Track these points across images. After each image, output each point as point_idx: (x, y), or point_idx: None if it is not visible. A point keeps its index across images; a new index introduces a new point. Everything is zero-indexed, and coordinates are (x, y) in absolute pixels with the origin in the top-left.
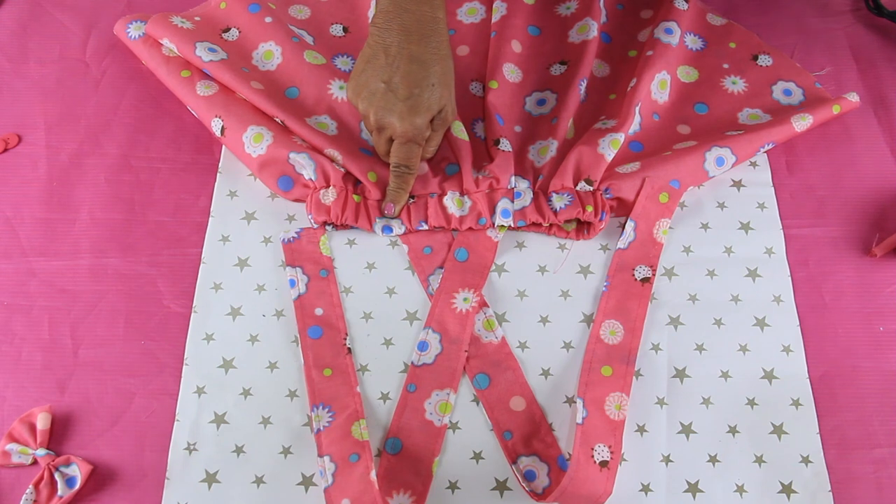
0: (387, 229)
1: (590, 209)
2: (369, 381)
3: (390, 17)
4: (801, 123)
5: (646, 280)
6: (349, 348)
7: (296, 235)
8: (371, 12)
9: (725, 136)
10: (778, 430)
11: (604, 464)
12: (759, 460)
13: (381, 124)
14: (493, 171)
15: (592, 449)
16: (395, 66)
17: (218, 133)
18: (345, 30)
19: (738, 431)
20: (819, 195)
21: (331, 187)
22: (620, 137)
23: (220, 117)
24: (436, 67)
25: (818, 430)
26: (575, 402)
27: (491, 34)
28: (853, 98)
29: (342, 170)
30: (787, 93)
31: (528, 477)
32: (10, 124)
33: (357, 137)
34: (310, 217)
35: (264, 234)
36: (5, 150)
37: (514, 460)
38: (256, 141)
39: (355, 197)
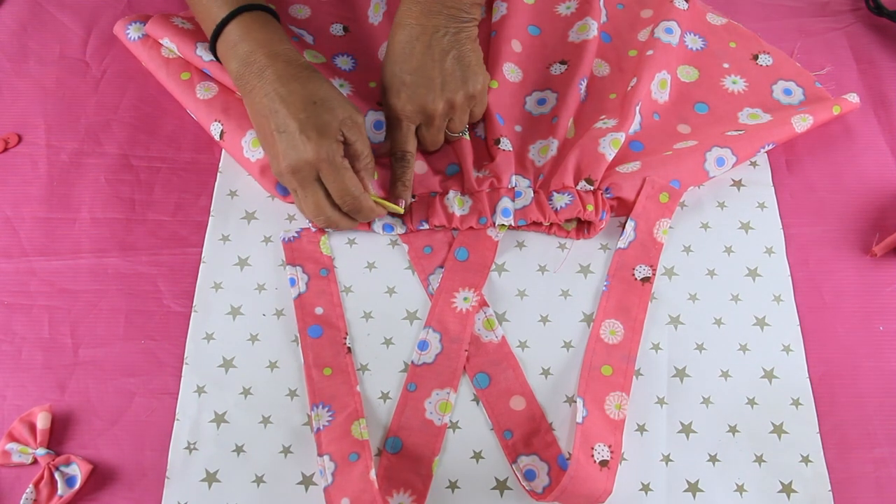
0: (387, 228)
1: (590, 208)
2: (369, 380)
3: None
4: (802, 124)
5: (646, 280)
6: (349, 347)
7: (296, 235)
8: (371, 11)
9: (726, 136)
10: (778, 430)
11: (604, 463)
12: (759, 460)
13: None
14: (493, 170)
15: (592, 448)
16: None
17: (217, 137)
18: (345, 29)
19: (738, 431)
20: (819, 195)
21: None
22: (621, 137)
23: (219, 121)
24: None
25: (818, 430)
26: (575, 402)
27: (491, 34)
28: (853, 99)
29: None
30: (788, 92)
31: (528, 476)
32: (10, 124)
33: None
34: (309, 220)
35: (264, 233)
36: (5, 149)
37: (514, 459)
38: (255, 146)
39: None
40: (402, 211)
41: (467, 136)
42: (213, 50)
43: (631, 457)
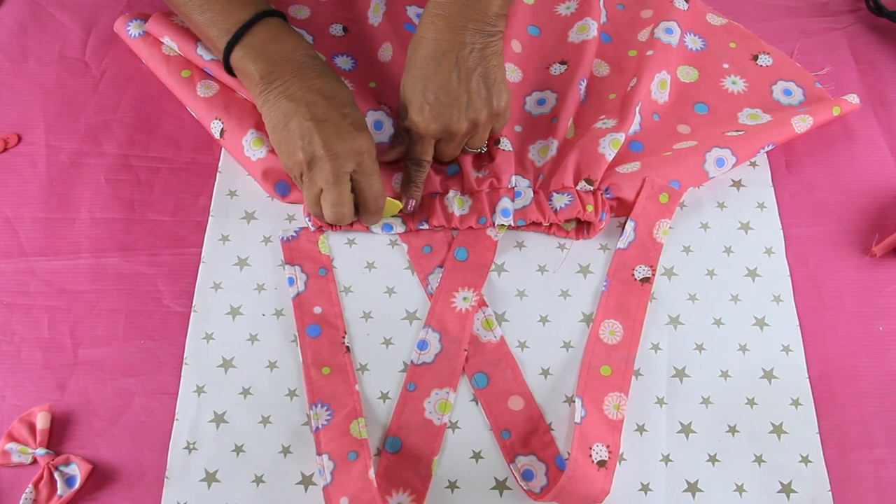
0: (387, 227)
1: (590, 209)
2: (369, 380)
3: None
4: (802, 125)
5: (645, 280)
6: (347, 346)
7: (294, 234)
8: (370, 11)
9: (726, 136)
10: (777, 430)
11: (602, 463)
12: (759, 460)
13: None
14: (493, 170)
15: (590, 448)
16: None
17: (217, 135)
18: (344, 29)
19: (737, 431)
20: (819, 195)
21: None
22: (621, 137)
23: (219, 119)
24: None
25: (818, 430)
26: (574, 402)
27: None
28: (853, 100)
29: None
30: (788, 92)
31: (526, 476)
32: (9, 124)
33: None
34: (307, 219)
35: (264, 233)
36: (5, 149)
37: (511, 459)
38: (256, 145)
39: None
40: (405, 209)
41: (484, 150)
42: (229, 50)
43: (630, 457)
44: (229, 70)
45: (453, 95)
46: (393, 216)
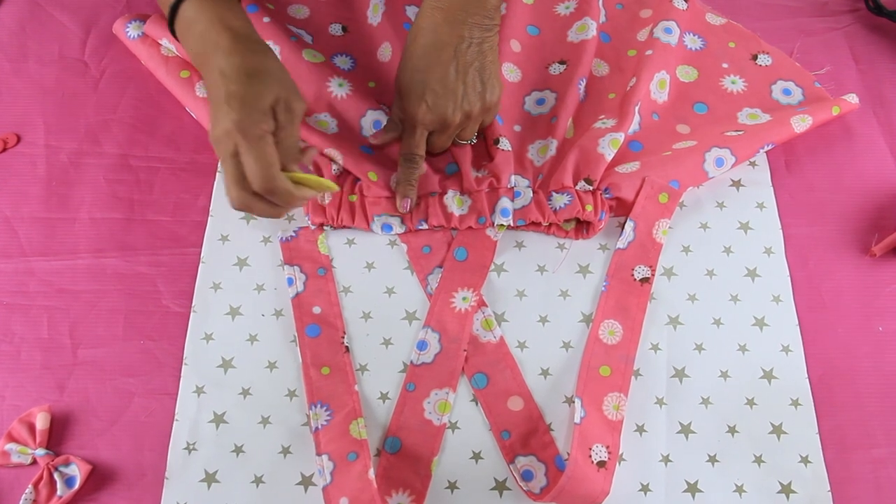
0: (386, 227)
1: (589, 209)
2: (368, 380)
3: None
4: (801, 125)
5: (645, 280)
6: (347, 347)
7: (294, 234)
8: (370, 11)
9: (725, 136)
10: (777, 430)
11: (601, 464)
12: (759, 460)
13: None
14: (492, 170)
15: (590, 449)
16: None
17: None
18: (344, 29)
19: (737, 431)
20: (818, 195)
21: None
22: (620, 137)
23: None
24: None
25: (817, 430)
26: (573, 402)
27: None
28: (853, 99)
29: (336, 171)
30: (787, 92)
31: (526, 476)
32: (9, 124)
33: (357, 136)
34: (307, 218)
35: (263, 233)
36: (4, 149)
37: (511, 460)
38: None
39: (351, 197)
40: (335, 188)
41: (474, 142)
42: (174, 34)
43: (630, 457)
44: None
45: (451, 88)
46: (392, 216)
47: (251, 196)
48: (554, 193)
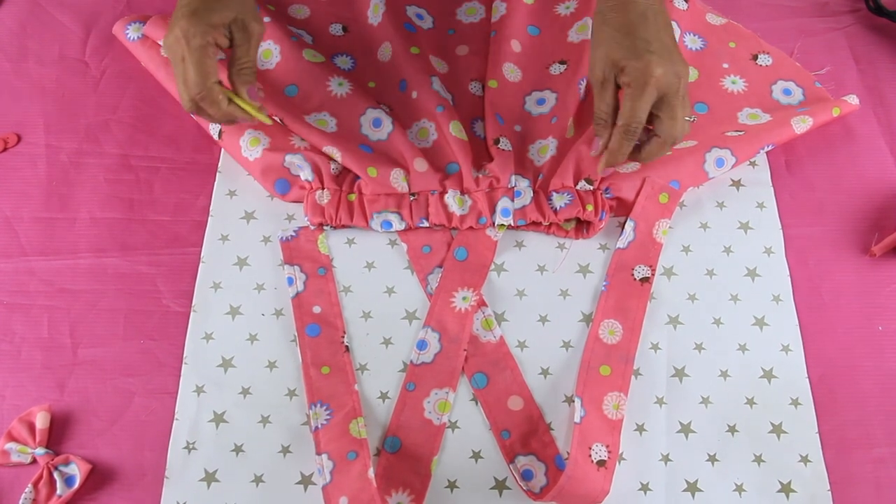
0: (386, 224)
1: (590, 208)
2: (368, 380)
3: None
4: (801, 126)
5: (645, 280)
6: (347, 346)
7: (294, 234)
8: (370, 11)
9: (725, 137)
10: (777, 430)
11: (601, 463)
12: (759, 459)
13: None
14: (493, 170)
15: (590, 448)
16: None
17: (216, 136)
18: (344, 29)
19: (737, 431)
20: (818, 195)
21: (325, 189)
22: None
23: None
24: None
25: (817, 430)
26: (573, 402)
27: (490, 34)
28: (853, 101)
29: (335, 171)
30: (787, 92)
31: (526, 476)
32: (9, 124)
33: (357, 134)
34: (306, 218)
35: (263, 233)
36: (5, 149)
37: (511, 459)
38: (253, 145)
39: (350, 196)
40: (268, 121)
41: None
42: None
43: (630, 456)
44: None
45: (667, 43)
46: (391, 213)
47: (193, 101)
48: (554, 193)
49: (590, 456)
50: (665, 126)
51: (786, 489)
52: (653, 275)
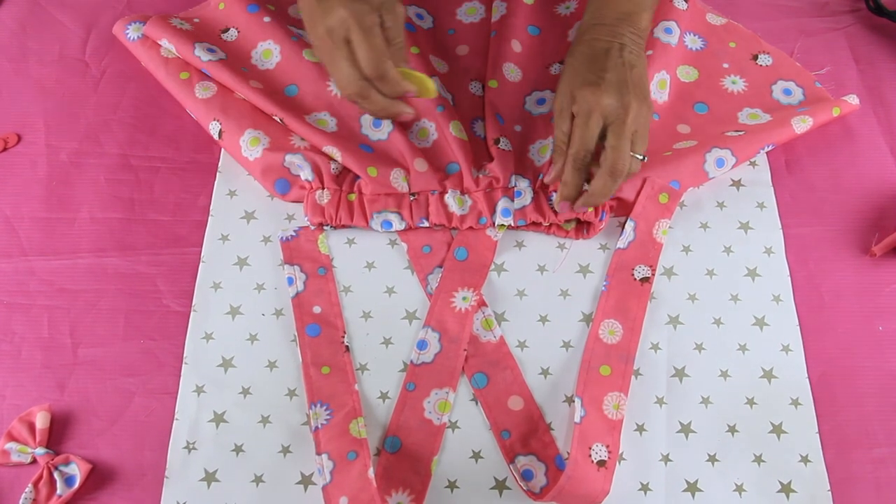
0: (386, 224)
1: (590, 209)
2: (368, 380)
3: None
4: (802, 125)
5: (645, 280)
6: (347, 346)
7: (294, 234)
8: None
9: (726, 137)
10: (777, 430)
11: (601, 463)
12: (759, 460)
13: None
14: (493, 170)
15: (590, 448)
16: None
17: (216, 136)
18: None
19: (737, 431)
20: (819, 195)
21: (325, 189)
22: None
23: (217, 120)
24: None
25: (817, 430)
26: (573, 402)
27: (490, 34)
28: (853, 101)
29: (335, 170)
30: (787, 92)
31: (526, 476)
32: (9, 124)
33: (357, 134)
34: (306, 218)
35: (264, 233)
36: (5, 149)
37: (511, 459)
38: (253, 144)
39: (350, 196)
40: (434, 93)
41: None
42: None
43: (630, 457)
44: None
45: (621, 76)
46: (391, 213)
47: (368, 85)
48: (554, 194)
49: (590, 456)
50: (608, 156)
51: (786, 489)
52: (653, 275)
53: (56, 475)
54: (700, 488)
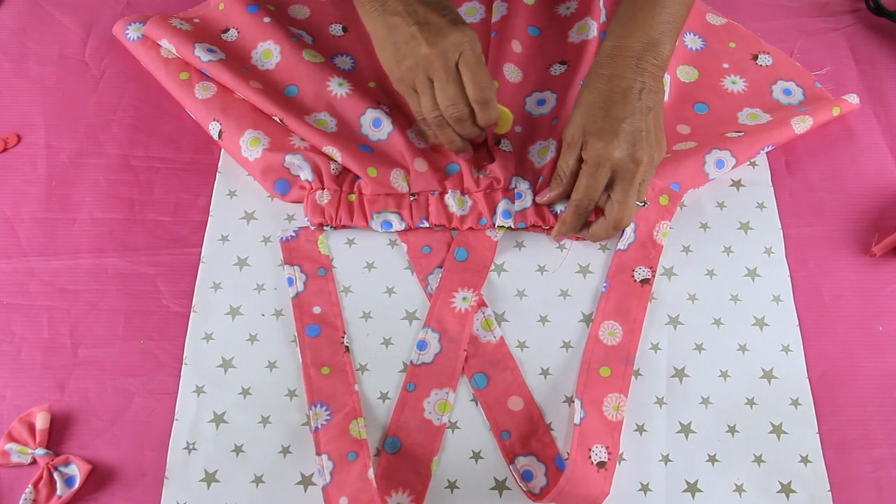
0: (386, 224)
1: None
2: (368, 380)
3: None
4: (802, 126)
5: (645, 281)
6: (347, 347)
7: (294, 234)
8: None
9: (725, 138)
10: (777, 430)
11: (601, 464)
12: (759, 460)
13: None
14: (494, 171)
15: (590, 450)
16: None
17: (216, 137)
18: (344, 29)
19: (737, 431)
20: (819, 195)
21: (325, 189)
22: None
23: (217, 121)
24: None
25: (817, 430)
26: (573, 402)
27: (491, 34)
28: (853, 100)
29: (335, 171)
30: (787, 92)
31: (526, 477)
32: (9, 124)
33: (357, 134)
34: (306, 219)
35: (263, 233)
36: (5, 149)
37: (511, 460)
38: (253, 145)
39: (350, 196)
40: (508, 126)
41: (646, 204)
42: None
43: (630, 457)
44: None
45: (637, 126)
46: (391, 213)
47: (468, 106)
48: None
49: (589, 457)
50: (613, 209)
51: (786, 489)
52: (653, 276)
53: (56, 476)
54: (700, 489)
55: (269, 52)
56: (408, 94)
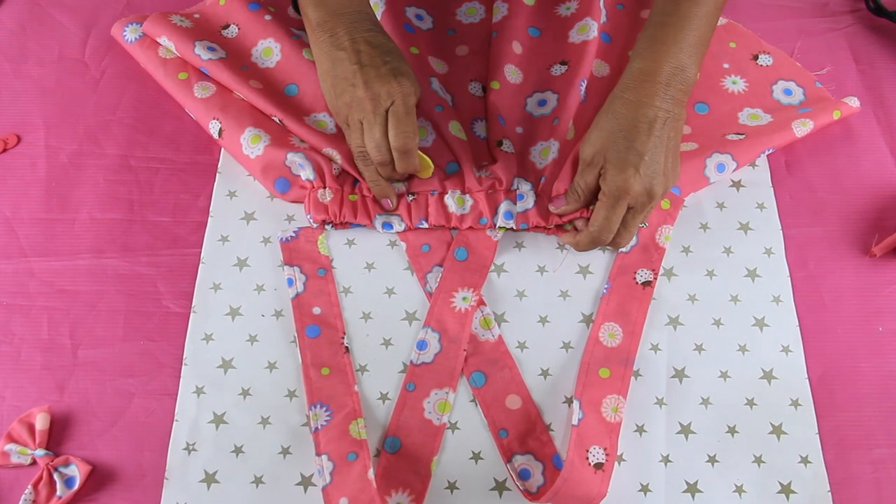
0: (387, 226)
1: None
2: (368, 380)
3: None
4: (802, 129)
5: (647, 284)
6: (347, 347)
7: (293, 235)
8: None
9: (726, 141)
10: (777, 431)
11: (598, 466)
12: (759, 460)
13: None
14: (495, 171)
15: (587, 451)
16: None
17: (216, 135)
18: None
19: (737, 431)
20: (818, 195)
21: (326, 188)
22: None
23: (217, 119)
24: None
25: (817, 431)
26: (572, 403)
27: (492, 34)
28: (853, 103)
29: (337, 171)
30: (788, 92)
31: (523, 475)
32: (9, 124)
33: None
34: (308, 217)
35: (263, 234)
36: (4, 150)
37: (508, 459)
38: (254, 142)
39: (351, 197)
40: (429, 173)
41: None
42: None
43: (630, 457)
44: (296, 6)
45: (657, 159)
46: (391, 214)
47: (390, 152)
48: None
49: (587, 458)
50: (618, 235)
51: (786, 490)
52: (655, 279)
53: (56, 476)
54: (700, 489)
55: (269, 51)
56: (342, 125)
